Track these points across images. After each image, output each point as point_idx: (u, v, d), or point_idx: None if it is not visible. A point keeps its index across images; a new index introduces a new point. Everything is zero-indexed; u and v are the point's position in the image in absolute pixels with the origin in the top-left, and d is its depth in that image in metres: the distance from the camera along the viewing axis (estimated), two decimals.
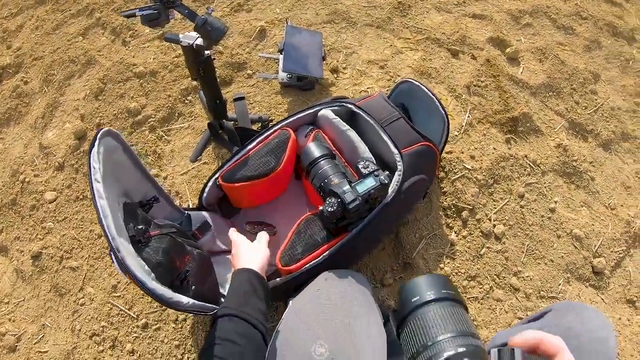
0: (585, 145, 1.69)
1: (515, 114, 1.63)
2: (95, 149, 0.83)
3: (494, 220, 1.42)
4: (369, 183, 1.00)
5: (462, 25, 1.93)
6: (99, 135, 0.85)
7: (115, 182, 0.91)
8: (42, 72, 1.87)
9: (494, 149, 1.55)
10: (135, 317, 1.27)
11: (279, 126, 1.18)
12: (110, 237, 0.76)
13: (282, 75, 1.59)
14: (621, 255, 1.48)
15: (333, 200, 0.99)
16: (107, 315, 1.29)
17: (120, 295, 1.32)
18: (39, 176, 1.58)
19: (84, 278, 1.36)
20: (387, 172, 1.02)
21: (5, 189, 1.61)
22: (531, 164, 1.55)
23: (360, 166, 1.03)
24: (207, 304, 0.93)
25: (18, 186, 1.58)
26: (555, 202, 1.50)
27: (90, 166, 0.82)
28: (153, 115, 1.60)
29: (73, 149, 1.57)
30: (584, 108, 1.77)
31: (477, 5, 2.04)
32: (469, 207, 1.42)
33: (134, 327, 1.26)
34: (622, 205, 1.58)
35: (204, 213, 1.19)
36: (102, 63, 1.80)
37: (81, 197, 1.50)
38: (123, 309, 1.29)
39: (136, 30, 1.84)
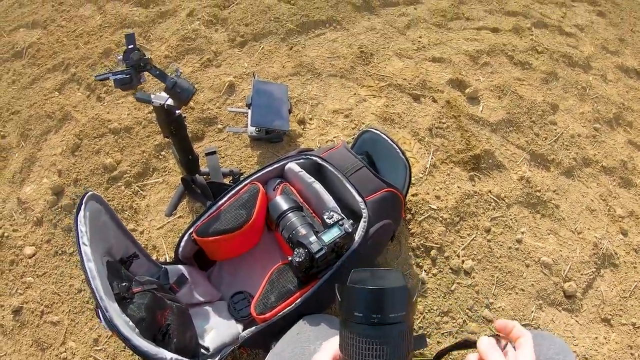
0: (548, 174, 1.76)
1: (477, 152, 1.70)
2: (81, 213, 0.88)
3: (462, 257, 1.47)
4: (334, 232, 1.05)
5: (422, 70, 2.02)
6: (84, 200, 0.90)
7: (100, 242, 0.96)
8: (19, 127, 1.88)
9: (458, 187, 1.61)
10: None
11: (248, 181, 1.23)
12: (99, 298, 0.81)
13: (251, 129, 1.65)
14: (592, 277, 1.52)
15: (301, 250, 1.03)
16: None
17: (102, 349, 1.32)
18: (18, 231, 1.59)
19: (65, 332, 1.37)
20: (351, 221, 1.07)
21: None
22: (495, 199, 1.61)
23: (325, 217, 1.08)
24: None
25: None
26: (522, 233, 1.55)
27: (77, 230, 0.87)
28: (128, 171, 1.64)
29: (51, 204, 1.59)
30: (544, 139, 1.85)
31: (436, 49, 2.13)
32: (437, 245, 1.47)
33: None
34: (588, 229, 1.64)
35: (180, 266, 1.22)
36: (77, 119, 1.83)
37: (60, 252, 1.51)
38: None
39: (110, 87, 1.88)
